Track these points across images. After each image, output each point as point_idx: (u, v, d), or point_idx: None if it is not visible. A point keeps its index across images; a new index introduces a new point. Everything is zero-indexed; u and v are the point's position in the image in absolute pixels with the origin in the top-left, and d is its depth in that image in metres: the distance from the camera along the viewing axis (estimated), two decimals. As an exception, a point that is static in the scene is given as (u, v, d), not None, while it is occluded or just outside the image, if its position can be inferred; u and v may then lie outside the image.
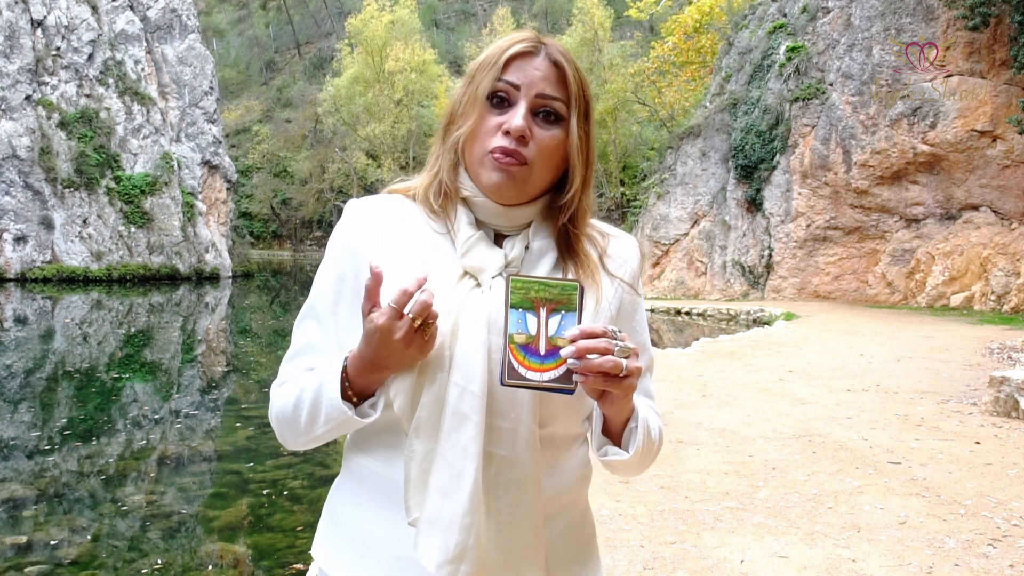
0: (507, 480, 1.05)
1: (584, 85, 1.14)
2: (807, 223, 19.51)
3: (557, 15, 58.03)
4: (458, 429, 1.02)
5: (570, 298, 0.98)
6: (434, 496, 1.03)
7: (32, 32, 29.08)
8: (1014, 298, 15.29)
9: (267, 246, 62.25)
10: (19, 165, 27.53)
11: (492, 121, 1.11)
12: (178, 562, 4.65)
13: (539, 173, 1.12)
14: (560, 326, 0.98)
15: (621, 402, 1.03)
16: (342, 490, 1.19)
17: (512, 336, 0.98)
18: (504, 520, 1.04)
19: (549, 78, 1.12)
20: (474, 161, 1.13)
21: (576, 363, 0.96)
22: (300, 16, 77.32)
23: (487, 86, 1.12)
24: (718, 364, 9.47)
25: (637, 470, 1.16)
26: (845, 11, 18.86)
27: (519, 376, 0.97)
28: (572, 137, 1.12)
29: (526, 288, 0.98)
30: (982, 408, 6.58)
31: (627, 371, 0.98)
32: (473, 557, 1.02)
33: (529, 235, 1.15)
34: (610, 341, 0.97)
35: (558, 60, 1.13)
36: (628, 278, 1.20)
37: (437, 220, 1.16)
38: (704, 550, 3.66)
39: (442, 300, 1.06)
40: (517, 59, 1.12)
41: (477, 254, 1.11)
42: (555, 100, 1.11)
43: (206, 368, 12.74)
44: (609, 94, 32.65)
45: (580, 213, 1.16)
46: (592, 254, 1.18)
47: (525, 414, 1.05)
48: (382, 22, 44.45)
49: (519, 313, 0.98)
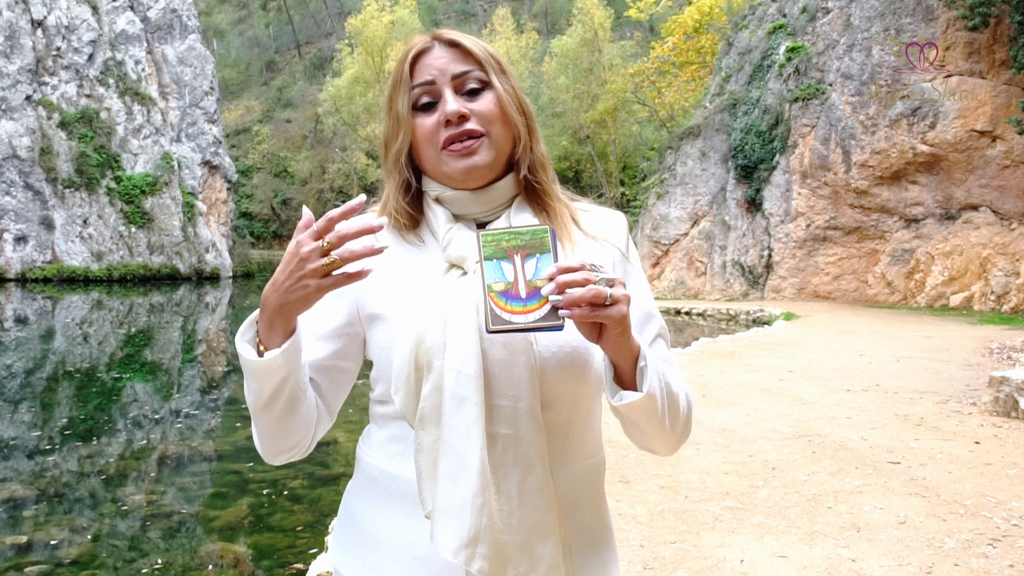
0: (513, 459, 1.05)
1: (487, 47, 1.17)
2: (807, 223, 19.51)
3: (557, 15, 58.05)
4: (458, 412, 1.03)
5: (542, 241, 0.98)
6: (444, 484, 1.03)
7: (32, 32, 29.09)
8: (1014, 298, 15.29)
9: (267, 246, 62.26)
10: (19, 165, 27.54)
11: (428, 123, 1.14)
12: (178, 562, 4.65)
13: (496, 136, 1.14)
14: (537, 268, 0.98)
15: (618, 336, 1.00)
16: (354, 490, 1.20)
17: (490, 286, 0.98)
18: (515, 499, 1.04)
19: (454, 58, 1.14)
20: (433, 165, 1.16)
21: (558, 298, 0.95)
22: (300, 16, 77.35)
23: (407, 99, 1.15)
24: (718, 364, 9.48)
25: (668, 433, 1.11)
26: (845, 11, 18.87)
27: (503, 321, 0.97)
28: (501, 94, 1.14)
29: (496, 240, 0.99)
30: (982, 408, 6.59)
31: (612, 298, 0.96)
32: (488, 538, 1.02)
33: (510, 215, 1.17)
34: (590, 272, 0.96)
35: (452, 39, 1.16)
36: (616, 243, 1.20)
37: (408, 236, 1.18)
38: (704, 550, 3.66)
39: (432, 295, 1.08)
40: (418, 61, 1.15)
41: (458, 243, 1.12)
42: (469, 73, 1.14)
43: (206, 368, 12.75)
44: (609, 94, 32.66)
45: (537, 163, 1.18)
46: (563, 210, 1.19)
47: (524, 391, 1.05)
48: (382, 22, 44.44)
49: (494, 264, 0.98)
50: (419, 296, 1.10)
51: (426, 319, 1.06)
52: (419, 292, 1.10)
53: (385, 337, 1.12)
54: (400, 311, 1.11)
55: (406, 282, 1.13)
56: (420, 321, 1.06)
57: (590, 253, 1.16)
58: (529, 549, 1.05)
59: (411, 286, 1.12)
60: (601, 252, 1.17)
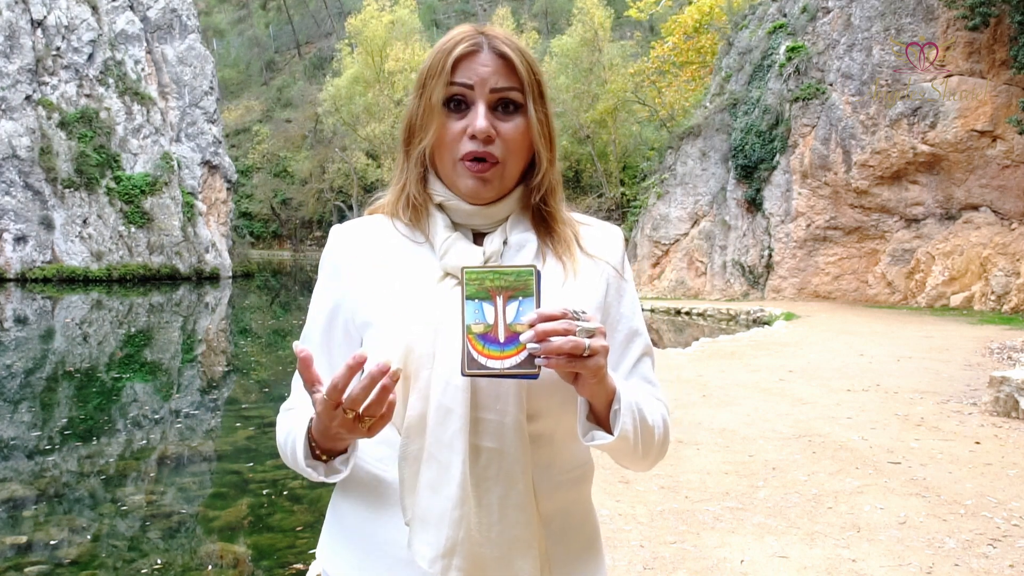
0: (496, 473, 1.05)
1: (533, 67, 1.14)
2: (807, 223, 19.51)
3: (557, 15, 58.01)
4: (443, 423, 1.03)
5: (527, 284, 0.97)
6: (424, 493, 1.03)
7: (32, 32, 29.08)
8: (1014, 298, 15.29)
9: (267, 246, 62.28)
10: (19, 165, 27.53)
11: (455, 126, 1.12)
12: (178, 562, 4.65)
13: (511, 166, 1.14)
14: (519, 312, 0.96)
15: (594, 384, 1.00)
16: (343, 492, 1.19)
17: (469, 327, 0.97)
18: (495, 513, 1.04)
19: (499, 71, 1.12)
20: (447, 170, 1.15)
21: (536, 347, 0.95)
22: (300, 16, 77.32)
23: (440, 93, 1.12)
24: (718, 364, 9.47)
25: (641, 460, 1.12)
26: (845, 11, 18.86)
27: (479, 365, 0.96)
28: (533, 122, 1.13)
29: (480, 278, 0.97)
30: (982, 408, 6.58)
31: (590, 350, 0.96)
32: (465, 551, 1.02)
33: (507, 229, 1.16)
34: (570, 322, 0.95)
35: (502, 51, 1.13)
36: (612, 261, 1.20)
37: (413, 231, 1.17)
38: (704, 550, 3.66)
39: (424, 304, 1.08)
40: (464, 59, 1.12)
41: (455, 254, 1.12)
42: (510, 90, 1.12)
43: (206, 368, 12.74)
44: (609, 94, 32.65)
45: (550, 190, 1.18)
46: (568, 232, 1.19)
47: (511, 406, 1.05)
48: (382, 22, 44.42)
49: (475, 304, 0.97)
50: (411, 304, 1.09)
51: (417, 328, 1.06)
52: (411, 299, 1.10)
53: (376, 344, 1.11)
54: (391, 318, 1.10)
55: (398, 287, 1.13)
56: (410, 330, 1.06)
57: (582, 282, 1.15)
58: (507, 563, 1.05)
59: (403, 292, 1.12)
60: (596, 270, 1.18)
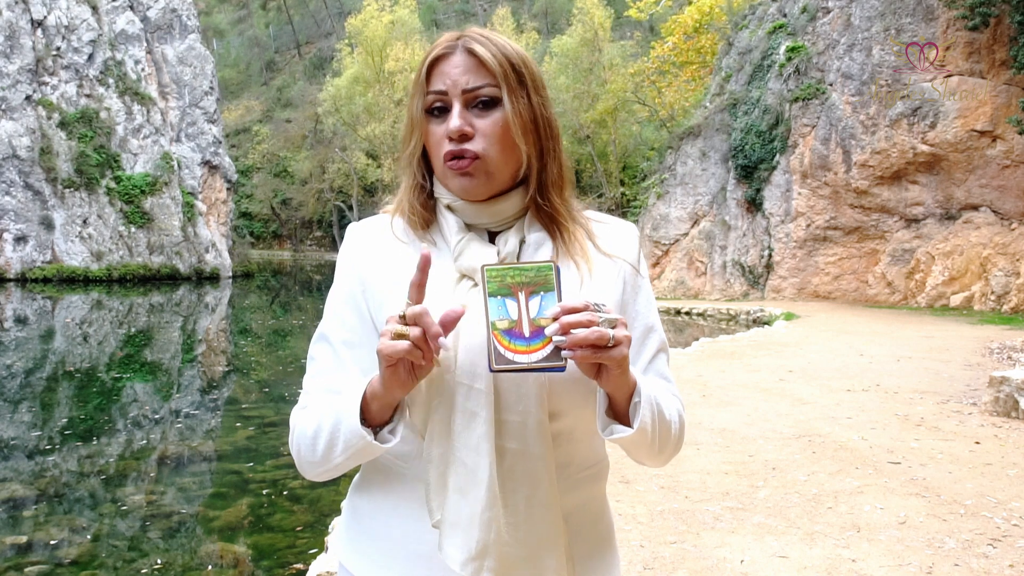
0: (521, 473, 1.06)
1: (510, 59, 1.12)
2: (807, 223, 19.51)
3: (557, 15, 58.01)
4: (469, 427, 1.04)
5: (547, 278, 0.98)
6: (453, 496, 1.05)
7: (32, 32, 29.08)
8: (1014, 298, 15.29)
9: (267, 246, 62.27)
10: (19, 165, 27.53)
11: (437, 131, 1.13)
12: (178, 562, 4.65)
13: (496, 159, 1.12)
14: (541, 307, 0.98)
15: (618, 376, 1.01)
16: (361, 488, 1.20)
17: (494, 323, 0.98)
18: (521, 513, 1.06)
19: (470, 70, 1.11)
20: (439, 173, 1.16)
21: (561, 339, 0.96)
22: (300, 16, 77.32)
23: (420, 103, 1.14)
24: (718, 364, 9.47)
25: (657, 455, 1.13)
26: (845, 11, 18.87)
27: (507, 361, 0.97)
28: (509, 115, 1.11)
29: (501, 275, 0.99)
30: (982, 408, 6.58)
31: (614, 340, 0.97)
32: (495, 552, 1.04)
33: (524, 228, 1.16)
34: (593, 313, 0.97)
35: (473, 48, 1.12)
36: (628, 258, 1.20)
37: (426, 234, 1.18)
38: (704, 550, 3.66)
39: (441, 306, 1.06)
40: (437, 65, 1.13)
41: (470, 254, 1.12)
42: (482, 88, 1.11)
43: (206, 368, 12.74)
44: (609, 94, 32.65)
45: (552, 185, 1.16)
46: (579, 232, 1.18)
47: (533, 406, 1.05)
48: (382, 22, 44.43)
49: (498, 300, 0.99)
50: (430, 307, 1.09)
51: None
52: (430, 303, 1.09)
53: None
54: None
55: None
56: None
57: (599, 282, 1.15)
58: (535, 561, 1.07)
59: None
60: (614, 269, 1.18)
